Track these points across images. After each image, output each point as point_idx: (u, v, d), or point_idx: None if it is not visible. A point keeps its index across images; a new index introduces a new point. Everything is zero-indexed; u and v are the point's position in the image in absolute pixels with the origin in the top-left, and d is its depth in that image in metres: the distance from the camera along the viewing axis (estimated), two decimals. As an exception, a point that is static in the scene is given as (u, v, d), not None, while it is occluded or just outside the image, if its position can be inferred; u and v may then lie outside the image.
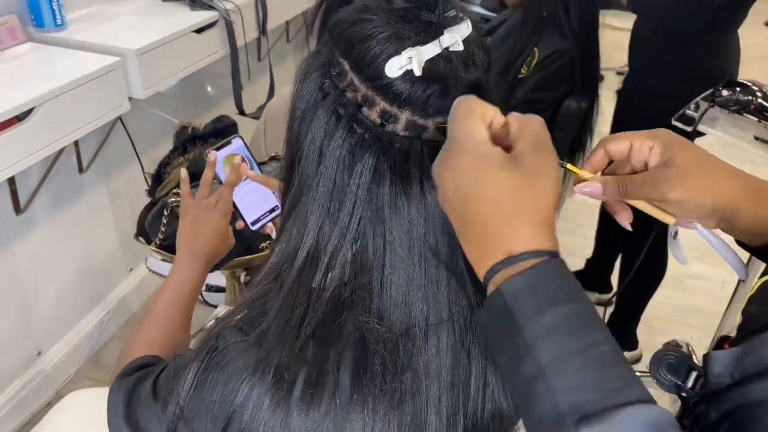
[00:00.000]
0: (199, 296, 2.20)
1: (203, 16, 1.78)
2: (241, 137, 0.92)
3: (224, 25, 1.85)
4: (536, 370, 0.42)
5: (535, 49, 1.64)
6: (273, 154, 1.71)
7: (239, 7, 1.88)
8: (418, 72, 0.54)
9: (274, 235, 0.93)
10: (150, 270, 1.88)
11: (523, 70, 1.66)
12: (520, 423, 0.63)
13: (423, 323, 0.58)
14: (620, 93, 1.99)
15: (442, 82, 0.55)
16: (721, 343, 0.59)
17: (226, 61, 1.92)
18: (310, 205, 0.60)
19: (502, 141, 0.50)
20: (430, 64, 0.54)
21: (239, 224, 0.89)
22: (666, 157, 0.55)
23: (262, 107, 1.99)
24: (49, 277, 1.84)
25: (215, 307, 1.81)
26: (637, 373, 0.44)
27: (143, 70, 1.56)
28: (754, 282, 0.59)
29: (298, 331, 0.57)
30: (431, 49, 0.55)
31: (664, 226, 0.60)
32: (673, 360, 0.55)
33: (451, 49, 0.56)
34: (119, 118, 1.75)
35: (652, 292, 2.00)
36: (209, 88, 2.34)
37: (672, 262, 1.99)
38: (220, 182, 0.89)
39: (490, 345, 0.50)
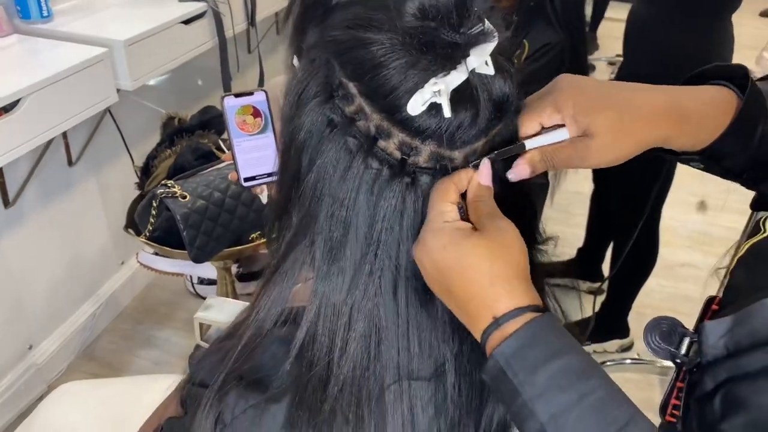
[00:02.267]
0: (190, 288, 2.21)
1: (191, 7, 1.77)
2: (265, 91, 0.86)
3: (213, 17, 1.84)
4: (539, 427, 0.45)
5: (525, 41, 1.64)
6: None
7: (228, -2, 1.87)
8: (447, 113, 0.47)
9: (263, 197, 0.88)
10: (141, 264, 1.88)
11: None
12: None
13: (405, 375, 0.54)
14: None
15: (472, 110, 0.49)
16: (709, 303, 0.59)
17: (215, 52, 1.91)
18: (318, 252, 0.53)
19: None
20: (456, 92, 0.47)
21: (232, 175, 0.84)
22: (582, 127, 0.54)
23: (251, 99, 1.98)
24: (39, 271, 1.83)
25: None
26: (628, 361, 0.45)
27: (131, 61, 1.55)
28: (744, 243, 0.59)
29: (322, 398, 0.53)
30: (458, 78, 0.47)
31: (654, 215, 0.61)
32: (666, 328, 0.56)
33: (478, 71, 0.49)
34: (108, 110, 1.74)
35: (643, 280, 2.01)
36: (199, 80, 2.33)
37: (661, 250, 2.00)
38: (228, 132, 0.82)
39: (500, 402, 0.51)
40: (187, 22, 1.75)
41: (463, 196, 0.53)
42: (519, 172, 0.55)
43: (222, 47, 1.89)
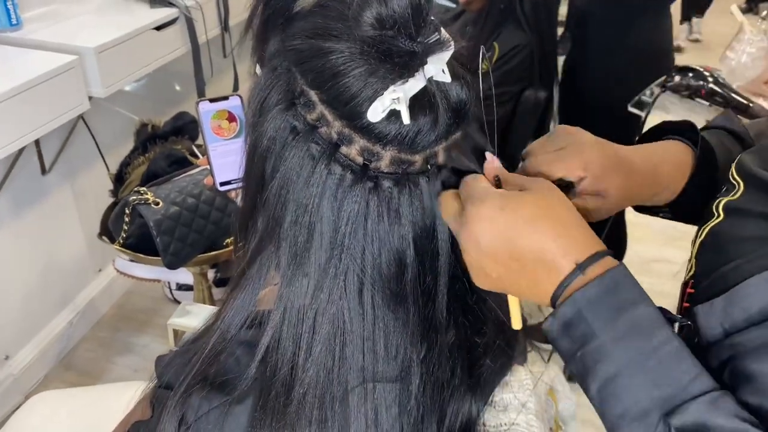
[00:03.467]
0: (169, 294, 2.20)
1: (163, 14, 1.77)
2: (240, 96, 0.86)
3: (185, 22, 1.84)
4: (615, 370, 0.47)
5: (495, 44, 1.66)
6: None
7: (200, 4, 1.87)
8: (406, 120, 0.48)
9: (239, 201, 0.89)
10: (118, 271, 1.87)
11: (484, 66, 1.68)
12: None
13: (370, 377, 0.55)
14: (564, 74, 1.91)
15: (431, 116, 0.50)
16: (685, 287, 0.63)
17: (190, 57, 1.91)
18: (283, 257, 0.53)
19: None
20: (415, 99, 0.49)
21: (208, 180, 0.84)
22: (598, 188, 0.61)
23: (226, 104, 1.99)
24: (14, 280, 1.81)
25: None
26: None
27: (102, 68, 1.55)
28: (702, 228, 0.63)
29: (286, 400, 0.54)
30: (416, 85, 0.48)
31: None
32: None
33: (435, 79, 0.50)
34: (81, 117, 1.73)
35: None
36: (177, 86, 2.32)
37: (636, 247, 2.04)
38: (203, 137, 0.82)
39: (558, 348, 0.52)
40: (159, 28, 1.74)
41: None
42: None
43: (195, 53, 1.89)
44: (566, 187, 0.62)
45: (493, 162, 0.56)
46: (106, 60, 1.55)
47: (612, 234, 1.93)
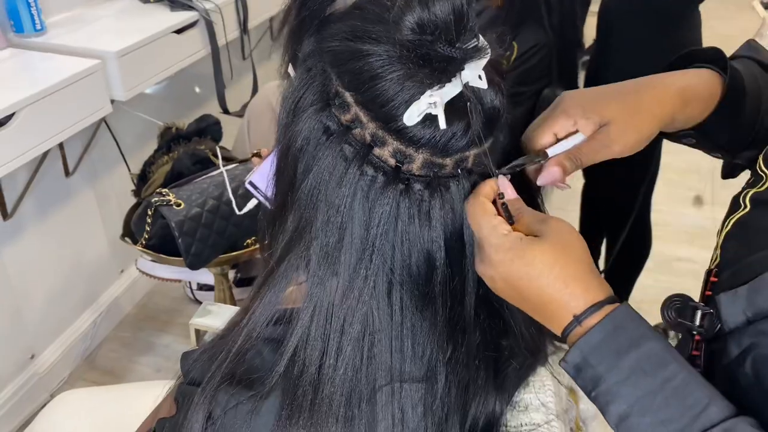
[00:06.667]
0: (190, 295, 2.22)
1: (183, 17, 1.78)
2: None
3: (204, 25, 1.85)
4: (625, 410, 0.49)
5: (514, 42, 1.65)
6: (255, 151, 1.72)
7: (219, 7, 1.89)
8: (443, 124, 0.49)
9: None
10: (140, 271, 1.90)
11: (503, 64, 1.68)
12: None
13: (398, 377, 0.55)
14: (588, 75, 1.88)
15: (465, 121, 0.50)
16: (708, 275, 0.63)
17: (209, 60, 1.92)
18: (313, 257, 0.54)
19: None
20: (450, 104, 0.49)
21: (255, 160, 0.83)
22: (596, 121, 0.59)
23: (245, 106, 2.01)
24: (39, 281, 1.85)
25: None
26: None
27: (124, 71, 1.57)
28: (729, 219, 0.63)
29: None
30: (453, 90, 0.49)
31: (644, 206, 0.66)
32: (679, 304, 0.60)
33: (471, 84, 0.51)
34: (104, 120, 1.76)
35: (637, 272, 2.02)
36: (197, 88, 2.35)
37: (659, 246, 2.01)
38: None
39: (582, 389, 0.54)
40: (179, 31, 1.76)
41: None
42: (550, 175, 0.58)
43: (215, 55, 1.91)
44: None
45: (505, 188, 0.55)
46: (127, 63, 1.58)
47: (636, 233, 1.92)
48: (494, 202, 0.55)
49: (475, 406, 0.59)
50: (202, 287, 2.15)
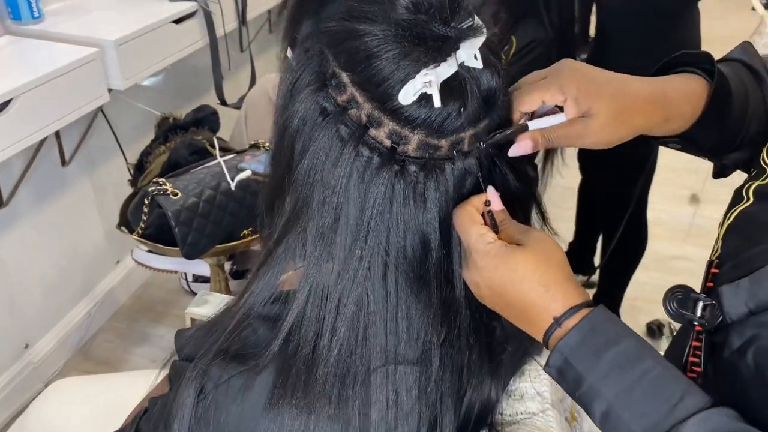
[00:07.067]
0: (185, 286, 2.22)
1: (182, 7, 1.77)
2: None
3: (203, 16, 1.85)
4: (607, 407, 0.51)
5: (513, 37, 1.65)
6: (252, 142, 1.72)
7: (218, -3, 1.88)
8: (437, 103, 0.49)
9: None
10: (136, 262, 1.89)
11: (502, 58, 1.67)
12: None
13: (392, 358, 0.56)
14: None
15: (460, 101, 0.51)
16: (709, 267, 0.64)
17: (207, 51, 1.92)
18: (310, 237, 0.54)
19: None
20: (446, 84, 0.50)
21: None
22: (583, 109, 0.59)
23: (243, 97, 2.00)
24: (34, 270, 1.84)
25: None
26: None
27: (122, 60, 1.56)
28: (731, 211, 0.64)
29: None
30: (448, 70, 0.49)
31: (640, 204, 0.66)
32: (681, 295, 0.61)
33: (467, 64, 0.51)
34: (101, 109, 1.75)
35: (633, 268, 2.02)
36: (194, 79, 2.34)
37: (655, 244, 2.02)
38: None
39: (564, 389, 0.56)
40: (177, 21, 1.76)
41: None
42: (522, 147, 0.58)
43: (213, 46, 1.90)
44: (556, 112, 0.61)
45: (493, 200, 0.57)
46: (126, 53, 1.57)
47: (632, 230, 1.93)
48: (482, 214, 0.56)
49: (470, 391, 0.59)
50: (198, 279, 2.14)
